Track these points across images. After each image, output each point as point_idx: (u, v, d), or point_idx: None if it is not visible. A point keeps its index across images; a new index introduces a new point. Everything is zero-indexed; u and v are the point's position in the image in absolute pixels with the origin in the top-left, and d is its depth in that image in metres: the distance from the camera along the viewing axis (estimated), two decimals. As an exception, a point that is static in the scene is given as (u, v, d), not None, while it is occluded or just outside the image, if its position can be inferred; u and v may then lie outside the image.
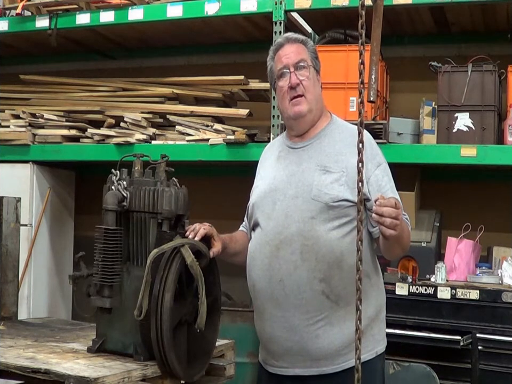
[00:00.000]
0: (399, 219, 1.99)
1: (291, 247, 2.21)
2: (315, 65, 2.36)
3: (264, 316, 2.29)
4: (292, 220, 2.22)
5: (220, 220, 2.74)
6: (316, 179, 2.24)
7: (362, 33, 1.47)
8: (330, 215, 2.20)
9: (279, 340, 2.25)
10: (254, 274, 2.30)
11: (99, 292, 2.27)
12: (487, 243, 3.84)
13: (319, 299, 2.18)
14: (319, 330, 2.19)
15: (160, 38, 4.68)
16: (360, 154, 1.51)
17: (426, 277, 3.49)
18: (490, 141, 3.53)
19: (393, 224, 1.97)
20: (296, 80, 2.30)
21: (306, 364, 2.23)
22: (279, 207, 2.27)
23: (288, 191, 2.27)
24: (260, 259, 2.28)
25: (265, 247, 2.27)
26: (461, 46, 4.17)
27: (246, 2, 3.90)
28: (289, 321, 2.21)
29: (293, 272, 2.19)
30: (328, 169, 2.24)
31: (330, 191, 2.20)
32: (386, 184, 2.29)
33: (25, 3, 4.35)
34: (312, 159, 2.29)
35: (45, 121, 4.42)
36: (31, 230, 4.45)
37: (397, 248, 2.26)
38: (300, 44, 2.36)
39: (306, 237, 2.19)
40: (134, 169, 2.44)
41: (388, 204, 1.97)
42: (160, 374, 2.21)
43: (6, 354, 2.21)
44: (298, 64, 2.31)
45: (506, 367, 3.14)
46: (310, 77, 2.32)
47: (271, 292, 2.24)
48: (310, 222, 2.20)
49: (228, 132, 3.99)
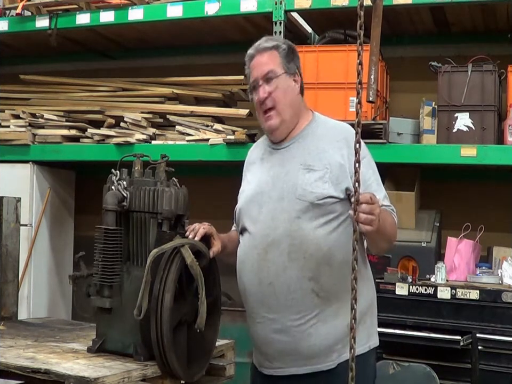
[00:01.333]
0: (374, 214, 1.97)
1: (279, 249, 2.21)
2: (288, 69, 2.32)
3: (255, 319, 2.29)
4: (278, 221, 2.23)
5: (219, 220, 2.73)
6: (300, 178, 2.24)
7: (361, 33, 1.47)
8: (316, 213, 2.20)
9: (272, 341, 2.25)
10: (245, 279, 2.31)
11: (99, 292, 2.27)
12: (487, 243, 3.84)
13: (309, 298, 2.19)
14: (311, 329, 2.20)
15: (160, 38, 4.68)
16: (357, 155, 1.51)
17: (426, 277, 3.49)
18: (490, 141, 3.53)
19: (368, 219, 1.95)
20: (264, 94, 2.30)
21: (300, 362, 2.23)
22: (265, 210, 2.27)
23: (273, 193, 2.28)
24: (249, 263, 2.28)
25: (253, 250, 2.27)
26: (461, 46, 4.17)
27: (246, 2, 3.90)
28: (281, 322, 2.21)
29: (282, 273, 2.20)
30: (312, 168, 2.24)
31: (315, 189, 2.20)
32: (370, 177, 2.27)
33: (25, 3, 4.35)
34: (295, 159, 2.29)
35: (45, 121, 4.42)
36: (31, 230, 4.45)
37: (381, 242, 2.25)
38: (270, 51, 2.33)
39: (293, 236, 2.19)
40: (134, 169, 2.44)
41: (363, 200, 1.92)
42: (160, 374, 2.21)
43: (6, 354, 2.21)
44: (266, 76, 2.30)
45: (506, 367, 3.13)
46: (280, 86, 2.30)
47: (261, 295, 2.25)
48: (296, 221, 2.20)
49: (227, 132, 3.99)
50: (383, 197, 2.28)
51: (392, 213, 2.29)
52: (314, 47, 3.94)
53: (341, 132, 2.32)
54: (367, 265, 2.40)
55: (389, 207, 2.29)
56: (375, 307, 2.40)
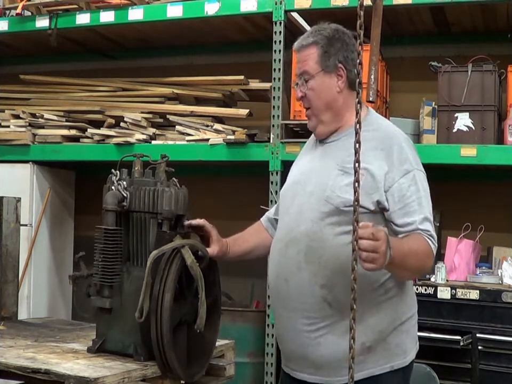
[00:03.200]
0: (378, 252, 1.81)
1: (297, 247, 2.15)
2: (326, 67, 2.21)
3: (275, 315, 2.29)
4: (303, 218, 2.16)
5: (220, 220, 2.73)
6: (331, 179, 2.14)
7: (361, 33, 1.47)
8: (341, 219, 2.09)
9: (285, 340, 2.23)
10: (270, 270, 2.29)
11: (99, 292, 2.27)
12: (487, 243, 3.84)
13: (320, 306, 2.11)
14: (320, 338, 2.12)
15: (160, 38, 4.68)
16: (357, 155, 1.50)
17: (426, 277, 3.49)
18: (490, 141, 3.53)
19: (369, 258, 1.80)
20: (299, 94, 2.26)
21: (311, 370, 2.17)
22: (297, 201, 2.21)
23: (307, 186, 2.20)
24: (274, 255, 2.26)
25: (278, 244, 2.24)
26: (461, 46, 4.17)
27: (246, 2, 3.90)
28: (293, 322, 2.17)
29: (296, 273, 2.15)
30: (347, 170, 2.10)
31: (343, 194, 2.09)
32: (412, 195, 2.09)
33: (25, 3, 4.35)
34: (334, 157, 2.19)
35: (45, 121, 4.42)
36: (31, 230, 4.45)
37: (402, 272, 2.09)
38: (309, 48, 2.23)
39: (312, 238, 2.12)
40: (134, 169, 2.44)
41: (365, 235, 1.78)
42: (160, 374, 2.21)
43: (6, 354, 2.21)
44: (302, 76, 2.25)
45: (506, 367, 3.14)
46: (315, 87, 2.22)
47: (278, 289, 2.22)
48: (319, 223, 2.12)
49: (228, 132, 3.99)
50: (421, 219, 2.09)
51: (426, 239, 2.09)
52: (314, 47, 3.93)
53: (387, 138, 2.17)
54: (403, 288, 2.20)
55: (427, 232, 2.09)
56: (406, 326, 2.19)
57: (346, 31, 2.27)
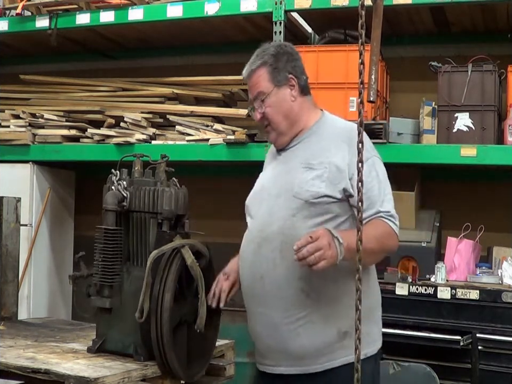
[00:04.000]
0: (322, 248, 1.95)
1: (271, 245, 2.21)
2: (278, 82, 2.31)
3: (249, 313, 2.32)
4: (274, 218, 2.24)
5: (220, 220, 2.74)
6: (297, 177, 2.24)
7: (362, 33, 1.47)
8: (312, 212, 2.19)
9: (262, 337, 2.26)
10: (242, 272, 2.32)
11: (99, 292, 2.28)
12: (487, 243, 3.83)
13: (299, 297, 2.18)
14: (299, 329, 2.18)
15: (160, 38, 4.68)
16: (360, 154, 1.50)
17: (426, 277, 3.49)
18: (490, 141, 3.53)
19: (316, 258, 1.95)
20: (258, 116, 2.35)
21: (289, 362, 2.22)
22: (264, 206, 2.29)
23: (272, 190, 2.29)
24: (246, 257, 2.30)
25: (249, 245, 2.29)
26: (461, 46, 4.17)
27: (246, 2, 3.90)
28: (270, 318, 2.22)
29: (273, 269, 2.20)
30: (312, 166, 2.24)
31: (310, 187, 2.20)
32: (372, 180, 2.21)
33: (25, 3, 4.35)
34: (298, 158, 2.30)
35: (45, 121, 4.42)
36: (31, 230, 4.45)
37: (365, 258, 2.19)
38: (258, 70, 2.34)
39: (286, 234, 2.19)
40: (134, 169, 2.44)
41: (304, 243, 1.95)
42: (160, 374, 2.21)
43: (6, 354, 2.21)
44: (256, 98, 2.34)
45: (506, 367, 3.14)
46: (271, 104, 2.31)
47: (253, 288, 2.26)
48: (291, 219, 2.20)
49: (228, 132, 3.99)
50: (381, 202, 2.20)
51: (386, 220, 2.20)
52: (314, 47, 3.94)
53: (346, 131, 2.28)
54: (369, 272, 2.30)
55: (387, 213, 2.20)
56: (377, 316, 2.33)
57: (287, 43, 2.45)
